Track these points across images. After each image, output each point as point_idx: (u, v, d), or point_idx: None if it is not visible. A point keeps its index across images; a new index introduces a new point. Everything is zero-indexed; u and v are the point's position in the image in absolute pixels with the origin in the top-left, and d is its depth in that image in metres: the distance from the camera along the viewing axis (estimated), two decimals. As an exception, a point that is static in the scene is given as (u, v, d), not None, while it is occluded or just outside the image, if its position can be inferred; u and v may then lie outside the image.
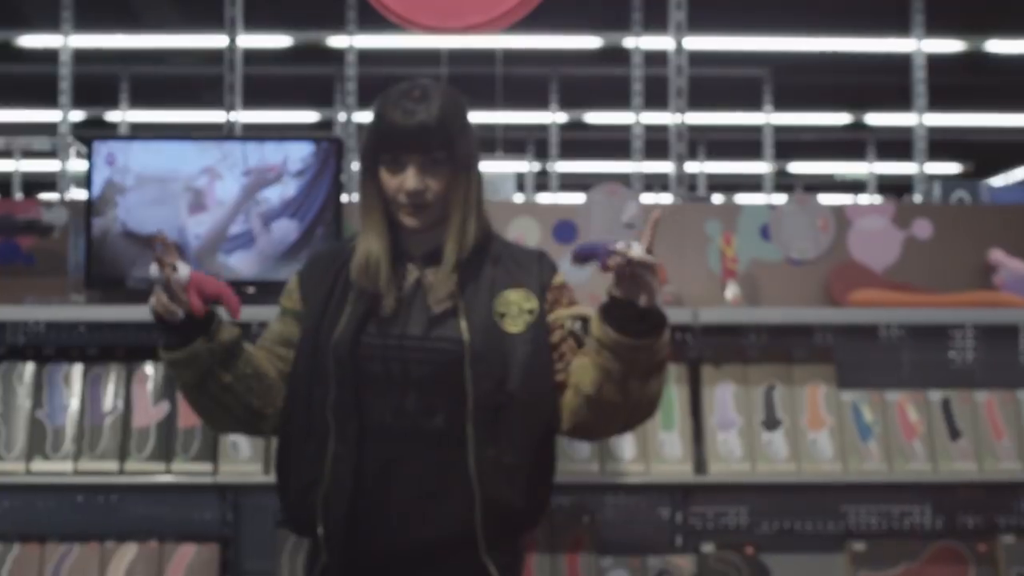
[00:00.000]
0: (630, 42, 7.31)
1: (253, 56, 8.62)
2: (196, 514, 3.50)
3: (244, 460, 3.30)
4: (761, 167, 10.70)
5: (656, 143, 7.77)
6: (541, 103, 10.16)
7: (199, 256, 3.37)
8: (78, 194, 4.97)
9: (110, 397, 3.35)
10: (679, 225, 3.56)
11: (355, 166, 7.43)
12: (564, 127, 10.85)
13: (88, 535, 3.40)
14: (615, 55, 8.41)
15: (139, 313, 3.16)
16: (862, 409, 3.35)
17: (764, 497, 3.49)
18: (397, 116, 2.13)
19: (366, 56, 7.28)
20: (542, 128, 10.67)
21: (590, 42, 8.42)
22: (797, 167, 12.86)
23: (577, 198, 3.65)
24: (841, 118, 11.03)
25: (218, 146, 3.43)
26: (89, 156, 3.45)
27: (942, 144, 9.97)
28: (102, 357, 3.40)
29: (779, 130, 10.18)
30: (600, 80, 9.66)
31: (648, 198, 3.81)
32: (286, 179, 3.38)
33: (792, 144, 11.48)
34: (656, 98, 7.00)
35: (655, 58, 7.11)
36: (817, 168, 12.60)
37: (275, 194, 3.38)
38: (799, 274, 3.55)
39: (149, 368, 3.38)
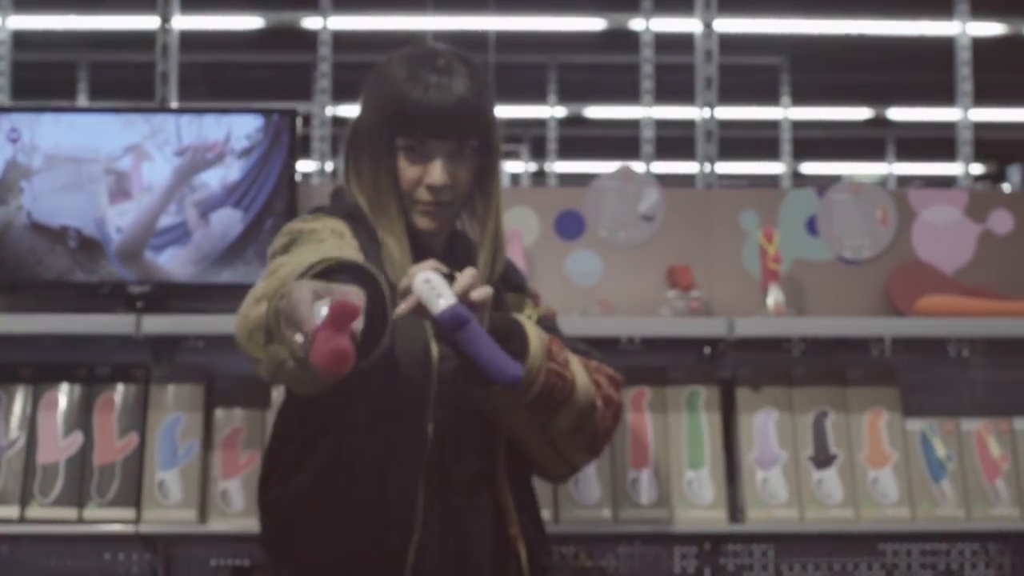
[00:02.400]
0: (639, 24, 7.07)
1: (224, 42, 8.51)
2: (118, 569, 3.09)
3: (174, 505, 2.87)
4: (775, 167, 10.52)
5: (666, 140, 7.50)
6: (538, 95, 10.07)
7: (121, 254, 3.02)
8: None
9: (12, 427, 2.93)
10: (709, 216, 3.22)
11: (322, 163, 7.12)
12: (563, 122, 10.69)
13: (-15, 595, 3.04)
14: (621, 40, 8.22)
15: (49, 323, 2.90)
16: (933, 441, 3.04)
17: (814, 549, 3.18)
18: (421, 92, 1.89)
19: (343, 40, 6.98)
20: (539, 123, 10.57)
21: (593, 24, 8.22)
22: (808, 167, 12.63)
23: (580, 191, 3.27)
24: (861, 113, 10.74)
25: (146, 120, 3.07)
26: (-12, 132, 3.07)
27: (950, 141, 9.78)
28: (3, 377, 3.00)
29: (794, 126, 10.00)
30: (604, 69, 9.48)
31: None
32: (229, 159, 3.06)
33: (803, 141, 11.27)
34: (668, 89, 6.81)
35: (667, 43, 6.93)
36: (832, 168, 12.37)
37: (215, 178, 3.05)
38: (853, 276, 3.23)
39: (62, 392, 2.95)
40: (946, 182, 10.00)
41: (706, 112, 3.83)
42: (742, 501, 2.94)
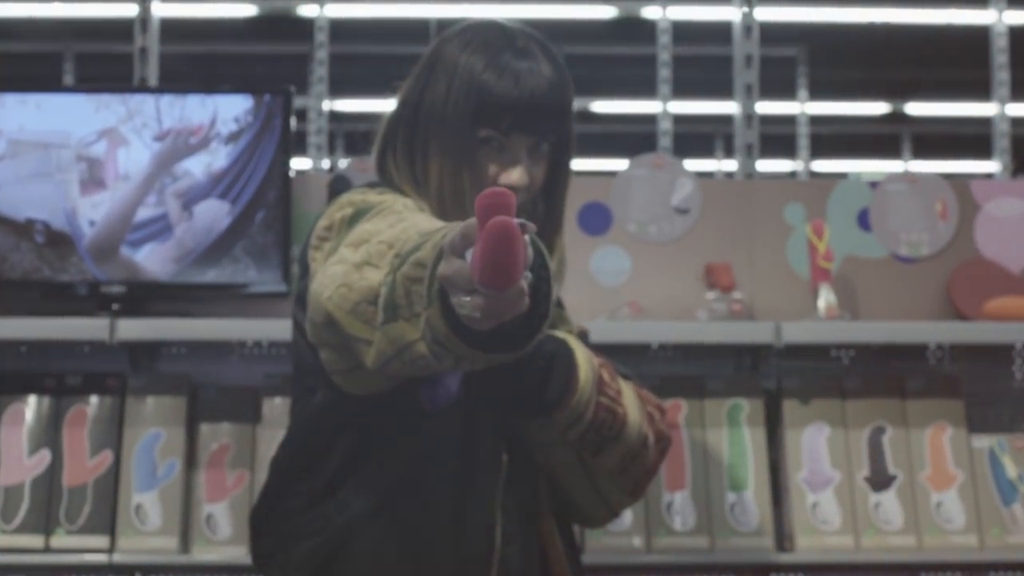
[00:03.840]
0: (654, 12, 6.90)
1: (215, 31, 8.36)
2: (90, 603, 2.92)
3: (152, 532, 2.73)
4: (785, 164, 10.41)
5: (680, 137, 7.40)
6: (544, 89, 9.88)
7: (94, 250, 2.86)
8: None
9: (-29, 444, 2.81)
10: (750, 209, 3.05)
11: (319, 159, 6.96)
12: (570, 118, 10.54)
13: (-59, 633, 2.86)
14: (632, 30, 8.08)
15: (13, 328, 2.76)
16: (1002, 460, 2.91)
17: (871, 580, 3.04)
18: (510, 83, 1.76)
19: (341, 29, 6.85)
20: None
21: (603, 11, 8.01)
22: (819, 165, 12.56)
23: (606, 180, 3.12)
24: (877, 107, 10.67)
25: (122, 100, 2.90)
26: (-55, 115, 2.93)
27: (970, 139, 9.80)
28: (-39, 389, 2.89)
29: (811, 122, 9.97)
30: (614, 60, 9.29)
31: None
32: (214, 145, 2.91)
33: (814, 137, 11.21)
34: (685, 83, 6.64)
35: (685, 32, 6.72)
36: (845, 166, 12.37)
37: (199, 165, 2.91)
38: (911, 276, 3.07)
39: (27, 404, 2.81)
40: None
41: (746, 99, 3.57)
42: (790, 527, 2.82)
